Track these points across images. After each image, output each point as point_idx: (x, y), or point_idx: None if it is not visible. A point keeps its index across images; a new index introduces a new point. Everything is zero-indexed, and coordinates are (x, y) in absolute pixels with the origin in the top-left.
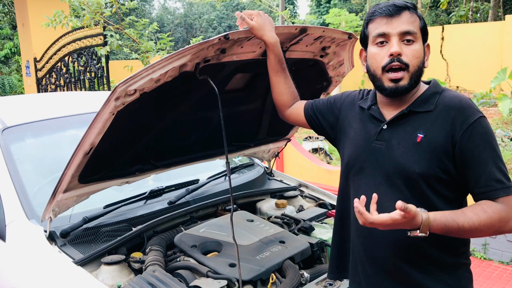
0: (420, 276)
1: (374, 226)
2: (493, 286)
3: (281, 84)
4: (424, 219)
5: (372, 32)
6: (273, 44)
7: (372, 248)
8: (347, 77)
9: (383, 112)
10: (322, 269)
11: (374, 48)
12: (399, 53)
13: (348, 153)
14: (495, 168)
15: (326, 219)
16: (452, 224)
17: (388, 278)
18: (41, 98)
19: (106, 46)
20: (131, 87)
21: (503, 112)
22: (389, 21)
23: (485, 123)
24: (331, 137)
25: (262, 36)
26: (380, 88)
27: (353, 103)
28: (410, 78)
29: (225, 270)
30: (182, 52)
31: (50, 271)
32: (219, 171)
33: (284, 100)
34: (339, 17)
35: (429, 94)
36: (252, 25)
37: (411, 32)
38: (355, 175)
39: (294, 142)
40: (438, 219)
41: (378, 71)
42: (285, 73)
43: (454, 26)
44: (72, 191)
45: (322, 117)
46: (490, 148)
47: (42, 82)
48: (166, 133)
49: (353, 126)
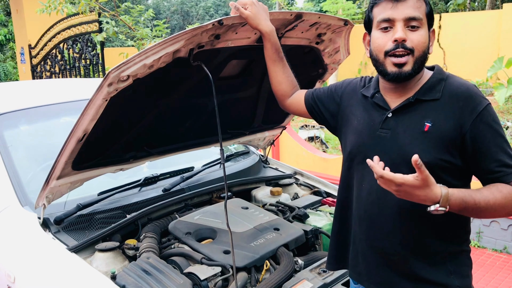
0: (422, 265)
1: (383, 183)
2: (486, 273)
3: (279, 74)
4: (443, 193)
5: (377, 17)
6: (268, 33)
7: (375, 237)
8: (344, 65)
9: (387, 100)
10: (316, 256)
11: (378, 33)
12: (403, 39)
13: (351, 141)
14: (504, 154)
15: (320, 207)
16: (469, 200)
17: (389, 268)
18: (35, 84)
19: (101, 33)
20: (124, 73)
21: (499, 101)
22: (394, 6)
23: (491, 110)
24: (332, 126)
25: (258, 25)
26: (383, 72)
27: (355, 91)
28: (414, 63)
29: (219, 257)
30: (175, 37)
31: (44, 258)
32: (214, 158)
33: (284, 90)
34: (336, 5)
35: (434, 81)
36: (246, 15)
37: (416, 18)
38: (358, 164)
39: (290, 130)
40: (457, 194)
41: (381, 55)
42: (282, 62)
43: (452, 15)
44: (66, 178)
45: (323, 106)
46: (498, 135)
47: (37, 69)
48: (160, 120)
49: (355, 114)
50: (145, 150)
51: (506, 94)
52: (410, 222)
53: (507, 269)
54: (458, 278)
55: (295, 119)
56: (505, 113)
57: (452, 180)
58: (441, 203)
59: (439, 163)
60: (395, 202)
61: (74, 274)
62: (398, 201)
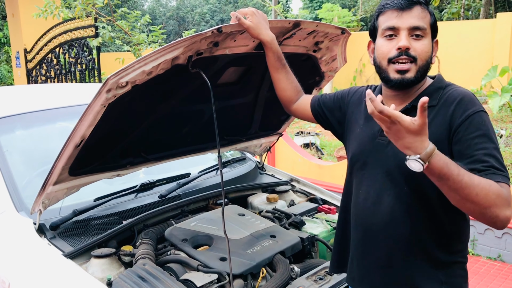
0: (413, 273)
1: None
2: (480, 281)
3: (283, 81)
4: (430, 147)
5: (382, 25)
6: (270, 42)
7: (370, 243)
8: (339, 72)
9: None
10: (312, 263)
11: (382, 40)
12: (407, 47)
13: (353, 148)
14: (492, 158)
15: (317, 214)
16: (453, 168)
17: (381, 274)
18: (31, 89)
19: (98, 38)
20: (123, 79)
21: (493, 109)
22: (399, 15)
23: (485, 117)
24: (338, 132)
25: (259, 35)
26: (386, 79)
27: (360, 99)
28: (417, 71)
29: (216, 264)
30: (174, 44)
31: (40, 264)
32: (210, 165)
33: (288, 96)
34: (332, 12)
35: (433, 89)
36: (248, 25)
37: (421, 27)
38: (358, 170)
39: (285, 137)
40: (443, 157)
41: (384, 62)
42: (285, 69)
43: (446, 23)
44: (62, 183)
45: (330, 113)
46: (489, 140)
47: (32, 74)
48: (157, 126)
49: (358, 122)
50: (142, 156)
51: (500, 103)
52: (402, 230)
53: (501, 277)
54: None
55: (290, 126)
56: (499, 121)
57: None
58: (423, 155)
59: None
60: (388, 210)
61: (70, 280)
62: (391, 208)
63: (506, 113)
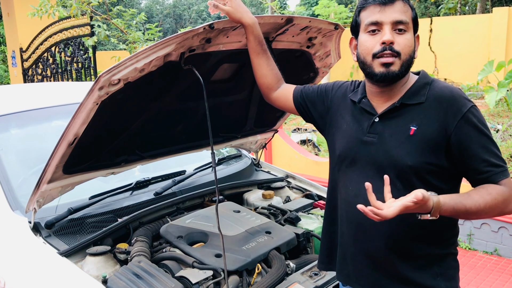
0: (408, 268)
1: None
2: (477, 276)
3: (263, 66)
4: (435, 202)
5: (365, 20)
6: (251, 25)
7: (363, 239)
8: (336, 68)
9: (374, 105)
10: (308, 259)
11: (366, 36)
12: (391, 41)
13: (341, 145)
14: (491, 154)
15: (312, 210)
16: (460, 207)
17: (377, 270)
18: (26, 88)
19: (93, 37)
20: (115, 76)
21: (489, 104)
22: (382, 10)
23: (477, 112)
24: (320, 126)
25: (240, 19)
26: (371, 74)
27: (345, 95)
28: (401, 66)
29: (211, 260)
30: (166, 41)
31: (35, 263)
32: (206, 162)
33: (268, 83)
34: (328, 9)
35: (419, 86)
36: (227, 10)
37: (403, 21)
38: (347, 167)
39: (282, 134)
40: (448, 203)
41: (368, 58)
42: (266, 54)
43: (443, 18)
44: (57, 181)
45: (312, 106)
46: (484, 136)
47: (28, 73)
48: (151, 123)
49: (345, 119)
50: (137, 154)
51: (497, 97)
52: (396, 225)
53: (498, 271)
54: (444, 280)
55: (287, 122)
56: (496, 116)
57: (439, 184)
58: (432, 213)
59: (425, 167)
60: None
61: (65, 278)
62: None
63: (503, 107)
